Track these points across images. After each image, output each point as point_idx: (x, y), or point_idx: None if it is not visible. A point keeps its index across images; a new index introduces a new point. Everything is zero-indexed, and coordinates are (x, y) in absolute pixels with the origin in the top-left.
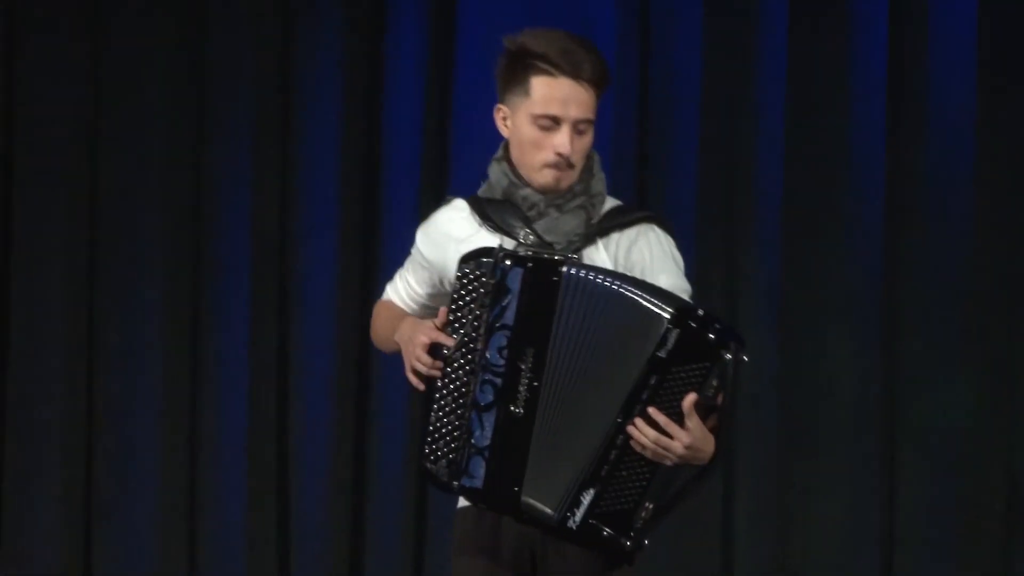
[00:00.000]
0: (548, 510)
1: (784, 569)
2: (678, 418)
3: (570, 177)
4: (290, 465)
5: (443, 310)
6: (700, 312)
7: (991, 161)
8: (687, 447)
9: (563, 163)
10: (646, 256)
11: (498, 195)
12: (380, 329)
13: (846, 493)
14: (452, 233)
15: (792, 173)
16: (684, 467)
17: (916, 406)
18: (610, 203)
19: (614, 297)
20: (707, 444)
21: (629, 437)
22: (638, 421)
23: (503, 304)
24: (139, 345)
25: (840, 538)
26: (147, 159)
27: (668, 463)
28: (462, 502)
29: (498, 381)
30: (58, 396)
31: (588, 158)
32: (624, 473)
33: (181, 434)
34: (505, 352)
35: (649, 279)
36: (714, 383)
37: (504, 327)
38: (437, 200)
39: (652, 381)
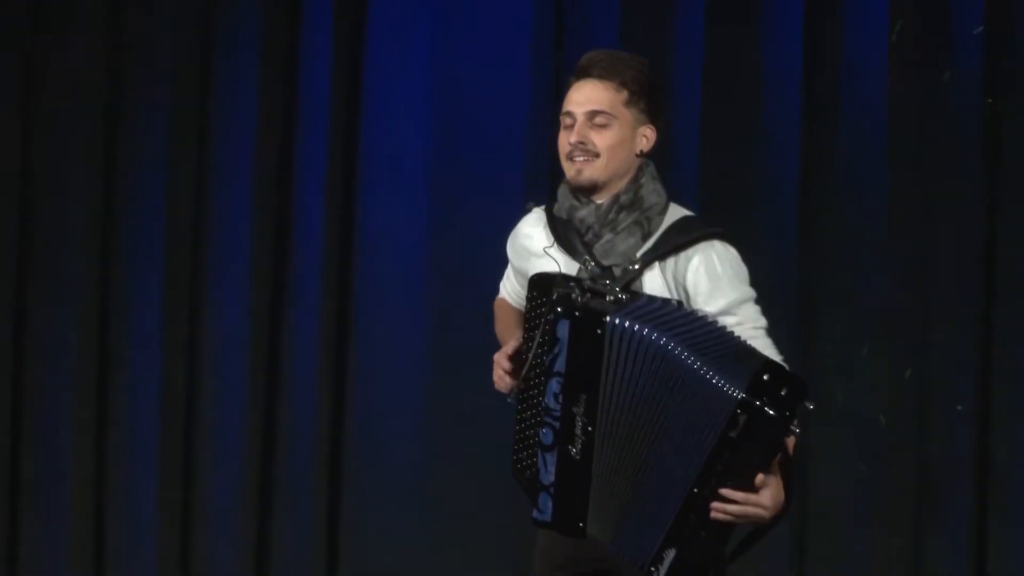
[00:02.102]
0: (608, 542)
1: None
2: (752, 482)
3: (594, 169)
4: (200, 445)
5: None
6: (765, 377)
7: (904, 144)
8: (769, 509)
9: (577, 150)
10: (702, 279)
11: (564, 214)
12: (496, 329)
13: None
14: (530, 248)
15: (707, 158)
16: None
17: (828, 391)
18: (675, 212)
19: (669, 360)
20: (780, 499)
21: (707, 504)
22: (724, 496)
23: (555, 352)
24: (57, 329)
25: None
26: (68, 145)
27: (747, 523)
28: None
29: (556, 424)
30: None
31: (638, 170)
32: (703, 534)
33: (93, 417)
34: (560, 397)
35: (709, 300)
36: (783, 446)
37: (558, 373)
38: (346, 190)
39: (725, 455)
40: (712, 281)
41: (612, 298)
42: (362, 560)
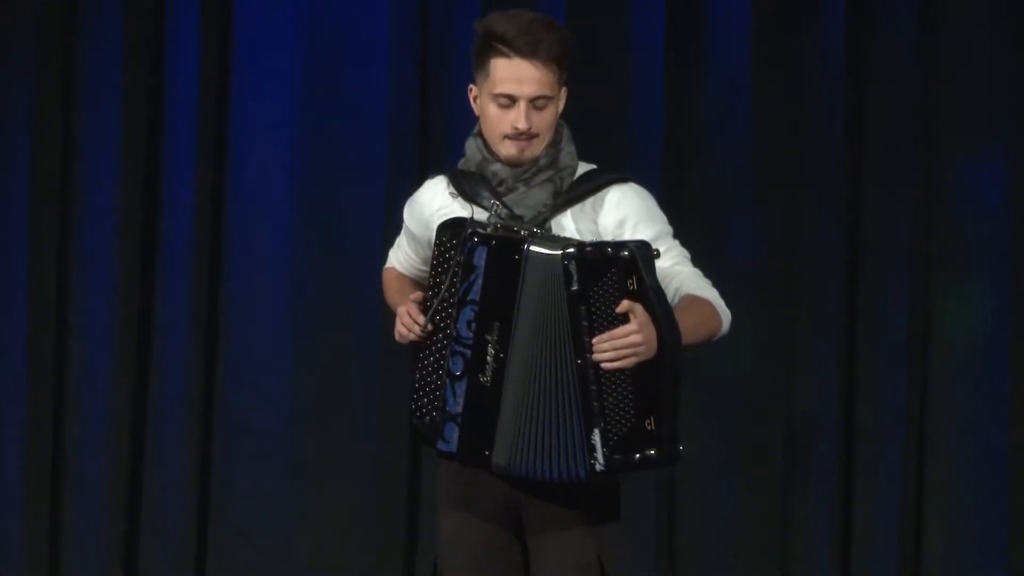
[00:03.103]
0: (529, 472)
1: None
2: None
3: (533, 148)
4: (69, 408)
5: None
6: (594, 239)
7: (767, 105)
8: (640, 333)
9: (522, 136)
10: (628, 209)
11: (473, 168)
12: (387, 296)
13: None
14: (433, 206)
15: (569, 119)
16: (654, 368)
17: (695, 350)
18: (582, 168)
19: (540, 260)
20: (650, 328)
21: (596, 368)
22: (595, 348)
23: (471, 280)
24: None
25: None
26: None
27: (636, 360)
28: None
29: (468, 353)
30: None
31: (556, 132)
32: (611, 400)
33: None
34: (473, 325)
35: (638, 228)
36: (633, 280)
37: (472, 302)
38: (216, 159)
39: (583, 312)
40: (639, 212)
41: (526, 232)
42: (234, 521)
